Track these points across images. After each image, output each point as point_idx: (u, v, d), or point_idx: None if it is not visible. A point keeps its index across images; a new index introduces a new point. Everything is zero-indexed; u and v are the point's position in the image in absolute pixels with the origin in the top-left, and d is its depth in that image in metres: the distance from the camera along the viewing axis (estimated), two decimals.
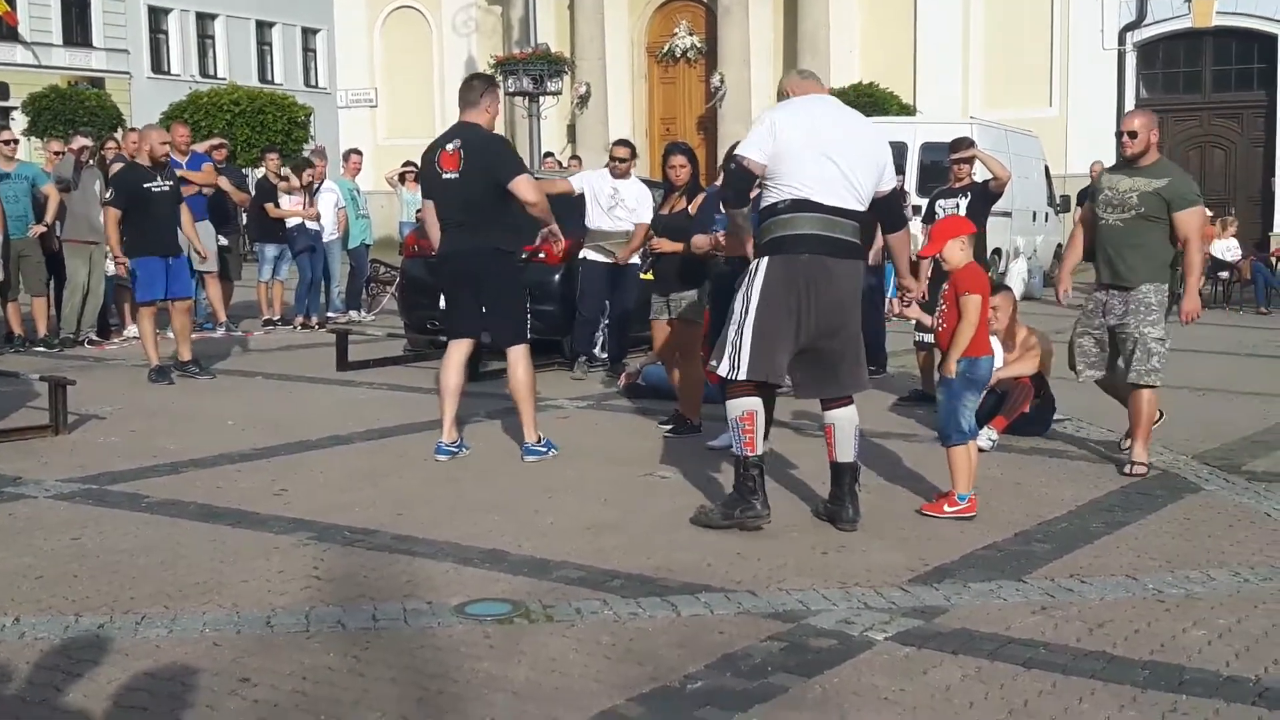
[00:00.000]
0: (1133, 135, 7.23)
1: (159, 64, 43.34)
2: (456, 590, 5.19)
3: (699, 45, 32.95)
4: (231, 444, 8.01)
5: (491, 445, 8.22)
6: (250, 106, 28.75)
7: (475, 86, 7.72)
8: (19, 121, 33.43)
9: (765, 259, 6.00)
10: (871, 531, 6.12)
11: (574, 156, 24.32)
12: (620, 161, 10.92)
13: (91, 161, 12.66)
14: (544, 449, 7.76)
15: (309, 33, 47.36)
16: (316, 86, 45.84)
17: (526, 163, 9.37)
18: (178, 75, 42.54)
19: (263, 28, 46.71)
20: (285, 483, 7.02)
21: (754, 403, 6.03)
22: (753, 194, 6.40)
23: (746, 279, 6.05)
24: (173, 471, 7.28)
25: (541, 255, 11.19)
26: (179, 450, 7.77)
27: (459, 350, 7.91)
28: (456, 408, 7.81)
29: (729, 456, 6.47)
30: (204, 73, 43.64)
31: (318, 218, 14.71)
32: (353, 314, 15.78)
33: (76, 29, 41.23)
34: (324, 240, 15.04)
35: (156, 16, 43.45)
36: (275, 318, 14.74)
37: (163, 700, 3.99)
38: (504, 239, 7.70)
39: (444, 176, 7.65)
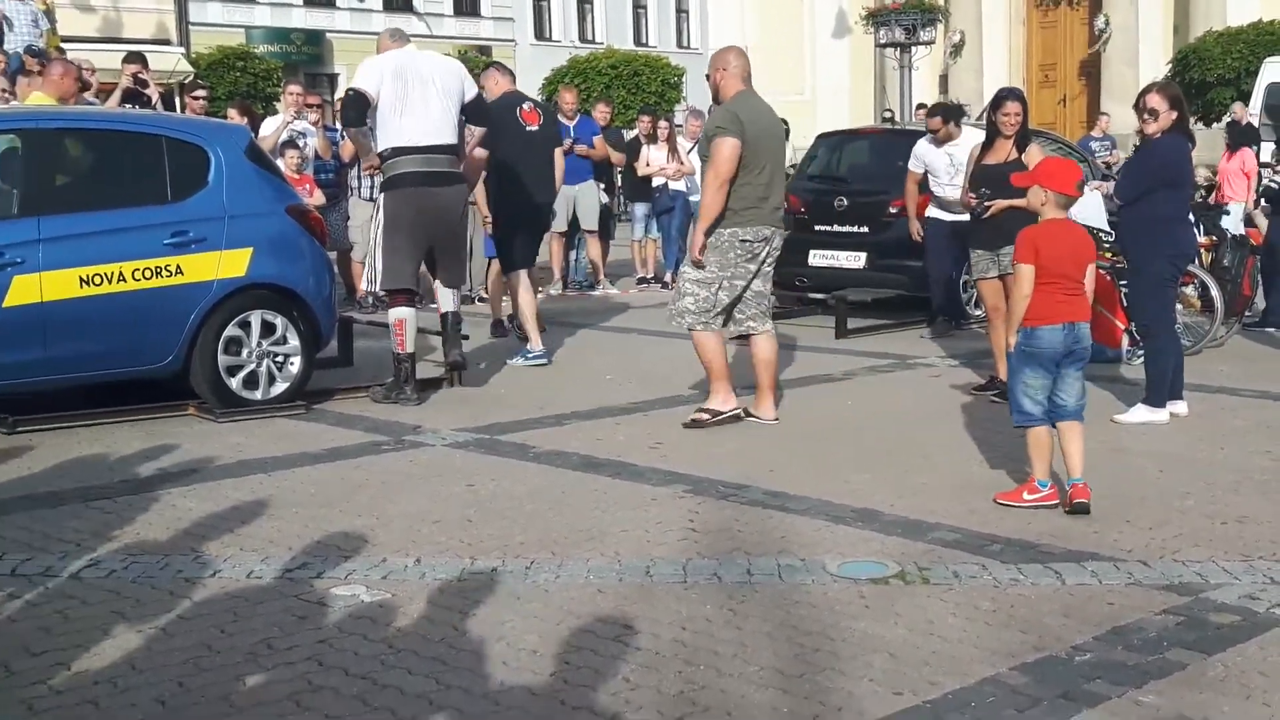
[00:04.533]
0: None
1: (541, 30, 45.01)
2: (830, 548, 5.17)
3: None
4: (610, 398, 8.25)
5: (861, 403, 8.15)
6: (626, 69, 29.47)
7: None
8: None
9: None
10: (1275, 502, 5.71)
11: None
12: (934, 132, 10.46)
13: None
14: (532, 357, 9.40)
15: None
16: (689, 47, 46.53)
17: (898, 114, 10.46)
18: (559, 41, 44.06)
19: None
20: (660, 436, 7.18)
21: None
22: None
23: None
24: (556, 424, 7.57)
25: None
26: (562, 403, 8.07)
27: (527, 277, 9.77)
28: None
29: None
30: (583, 37, 45.02)
31: (679, 176, 14.85)
32: None
33: None
34: (694, 199, 15.21)
35: None
36: (649, 275, 15.08)
37: (552, 643, 4.15)
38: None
39: (528, 129, 9.59)
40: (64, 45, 21.36)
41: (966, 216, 9.95)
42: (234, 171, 7.72)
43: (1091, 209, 9.16)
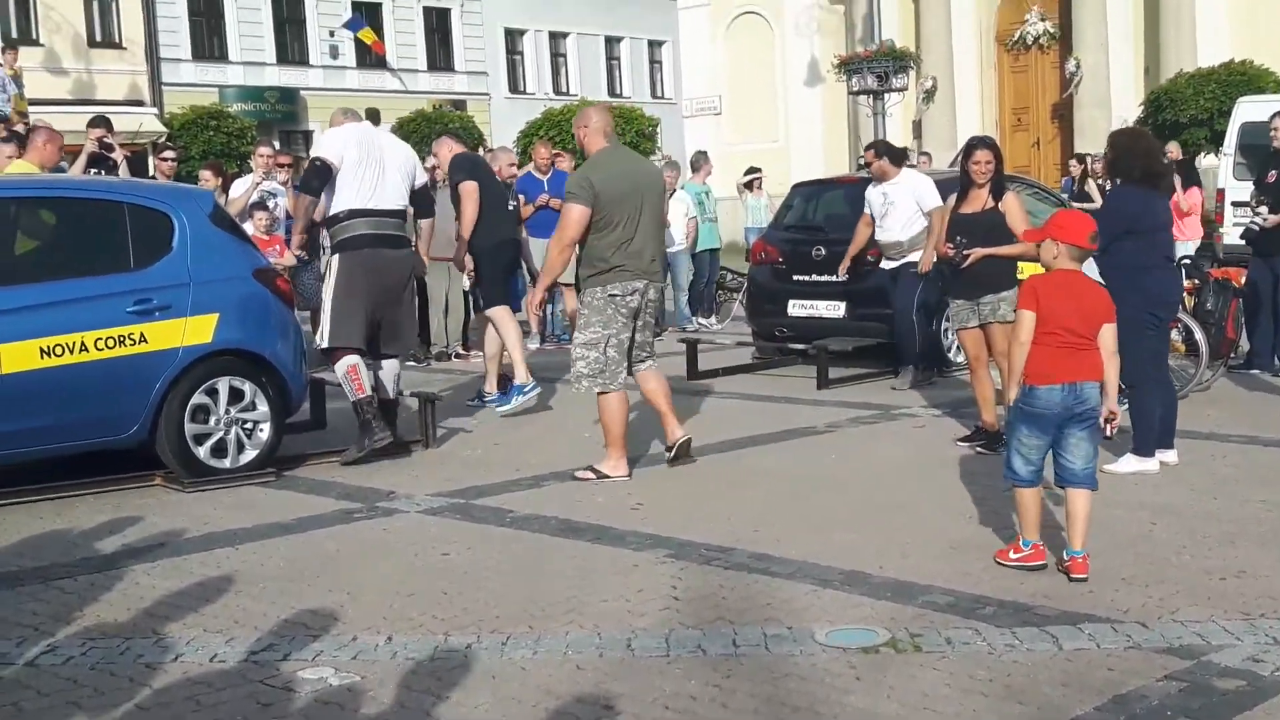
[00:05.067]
0: None
1: (515, 84, 45.10)
2: (817, 614, 5.00)
3: (1052, 30, 31.67)
4: (588, 456, 8.04)
5: (845, 457, 7.99)
6: None
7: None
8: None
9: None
10: (1273, 554, 5.56)
11: (922, 153, 23.72)
12: (866, 166, 10.74)
13: (443, 181, 13.12)
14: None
15: (655, 45, 48.26)
16: (662, 97, 46.68)
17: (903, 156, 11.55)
18: (533, 94, 44.13)
19: (611, 43, 47.91)
20: (641, 496, 7.00)
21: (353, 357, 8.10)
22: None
23: None
24: (534, 485, 7.39)
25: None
26: (539, 463, 7.89)
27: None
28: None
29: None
30: (557, 90, 45.11)
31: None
32: (700, 321, 15.81)
33: (440, 54, 43.39)
34: (671, 250, 15.12)
35: (513, 38, 45.23)
36: None
37: None
38: None
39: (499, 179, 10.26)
40: (32, 109, 21.28)
41: (909, 259, 9.96)
42: (198, 237, 7.56)
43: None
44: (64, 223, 7.58)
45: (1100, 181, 16.32)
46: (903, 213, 10.33)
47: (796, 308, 11.65)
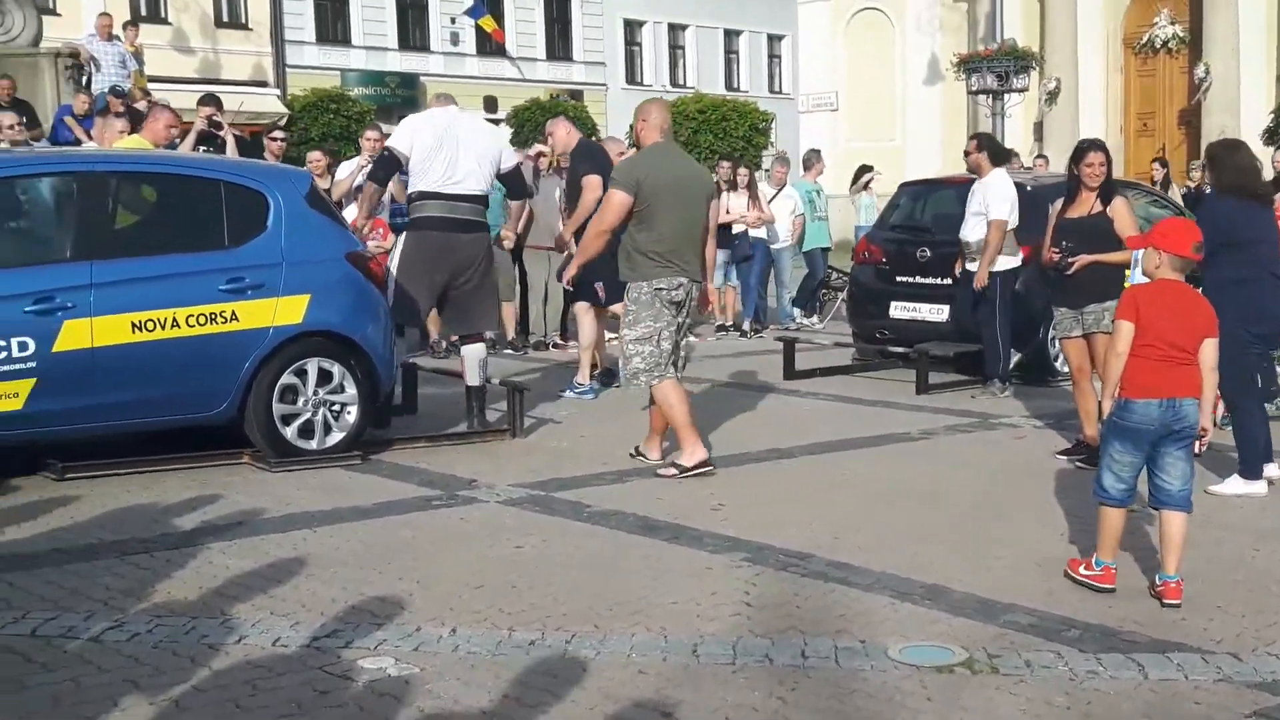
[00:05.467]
0: None
1: (633, 75, 45.09)
2: (892, 629, 4.83)
3: (1181, 35, 30.82)
4: (674, 454, 7.94)
5: (938, 465, 7.77)
6: (714, 114, 29.29)
7: None
8: (504, 132, 35.61)
9: None
10: None
11: (1039, 155, 23.20)
12: (966, 156, 10.45)
13: (550, 169, 13.10)
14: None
15: (774, 39, 47.96)
16: (780, 92, 46.37)
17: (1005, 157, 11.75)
18: (649, 85, 44.06)
19: (730, 36, 47.70)
20: (723, 497, 6.87)
21: None
22: None
23: None
24: (617, 480, 7.29)
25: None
26: (623, 457, 7.79)
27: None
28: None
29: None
30: (674, 82, 45.01)
31: (760, 224, 14.60)
32: (802, 319, 15.60)
33: (559, 44, 43.54)
34: (776, 246, 14.96)
35: (632, 29, 45.23)
36: (727, 323, 14.79)
37: None
38: None
39: None
40: (159, 87, 21.71)
41: (1005, 264, 9.88)
42: (293, 217, 7.57)
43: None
44: (162, 198, 7.65)
45: (1194, 188, 15.81)
46: (977, 213, 10.11)
47: (899, 310, 11.41)
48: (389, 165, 8.43)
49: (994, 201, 9.91)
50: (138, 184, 7.62)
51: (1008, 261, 10.01)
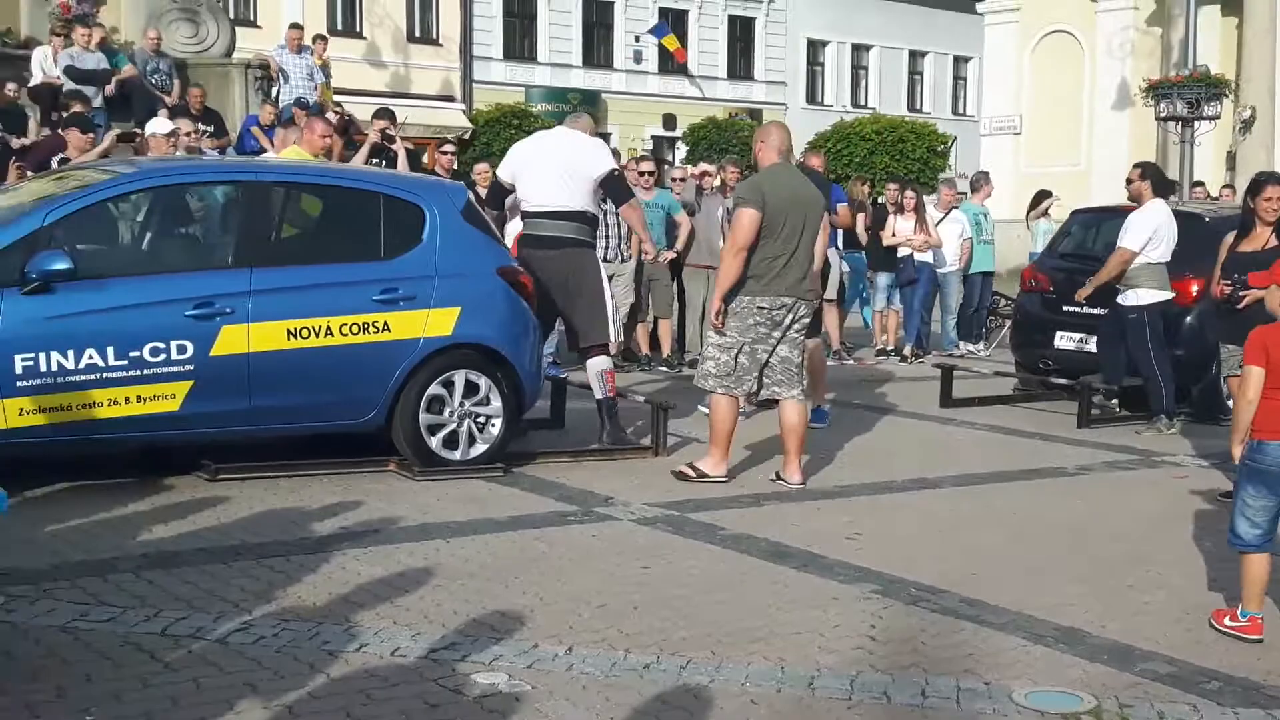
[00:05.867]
0: None
1: (814, 94, 44.96)
2: (1021, 672, 4.67)
3: None
4: (817, 479, 7.85)
5: (1091, 502, 7.51)
6: (891, 135, 28.94)
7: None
8: (680, 150, 35.78)
9: None
10: None
11: (1226, 186, 22.34)
12: (1127, 184, 10.24)
13: (714, 187, 13.06)
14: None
15: (960, 61, 47.34)
16: (964, 114, 45.69)
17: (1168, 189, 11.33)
18: (830, 105, 43.88)
19: (915, 57, 47.26)
20: (861, 525, 6.75)
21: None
22: None
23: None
24: (754, 504, 7.22)
25: (1172, 294, 10.26)
26: (762, 481, 7.71)
27: None
28: None
29: None
30: (855, 102, 44.72)
31: (927, 247, 14.34)
32: (967, 347, 15.26)
33: (740, 63, 43.66)
34: (942, 271, 14.67)
35: (815, 49, 45.11)
36: (889, 347, 14.56)
37: None
38: None
39: None
40: (351, 99, 22.34)
41: (1134, 300, 9.64)
42: (448, 231, 7.69)
43: None
44: (321, 209, 7.85)
45: None
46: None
47: (1064, 340, 11.07)
48: (496, 193, 8.95)
49: (1130, 229, 9.77)
50: (299, 194, 7.83)
51: (1155, 295, 9.75)
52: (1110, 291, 10.09)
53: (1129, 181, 10.11)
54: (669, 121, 40.13)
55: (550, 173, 8.43)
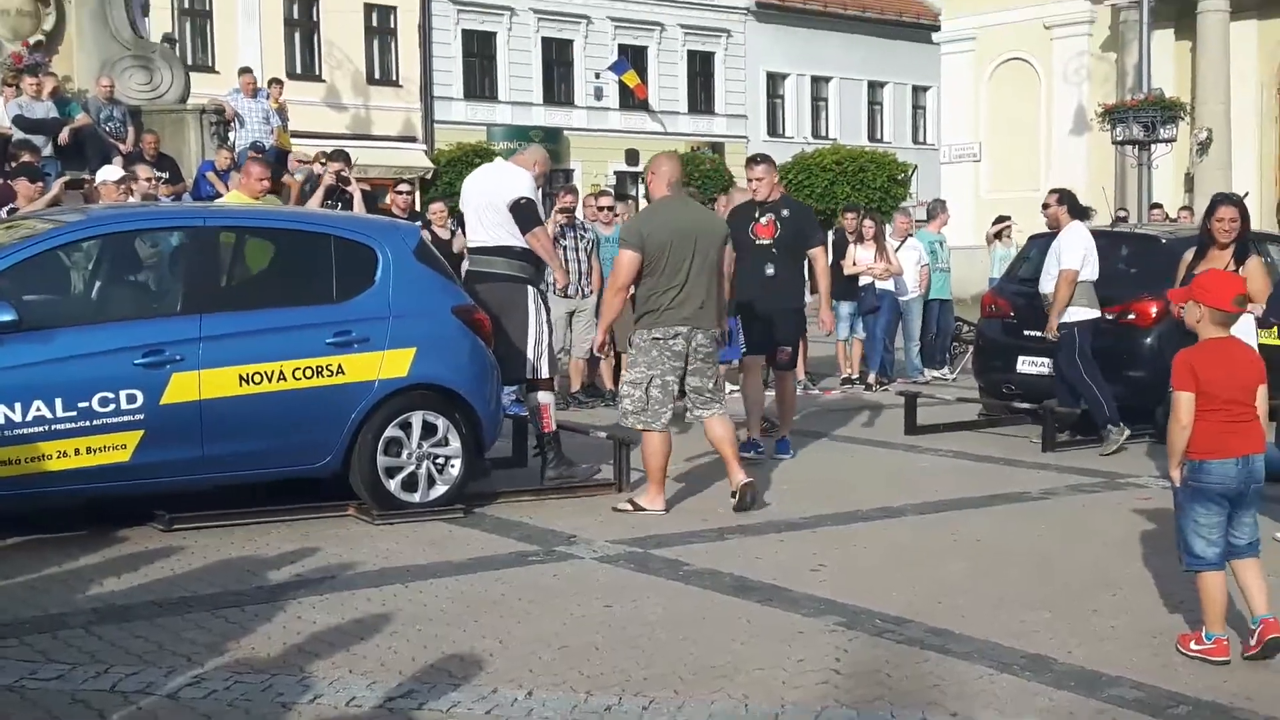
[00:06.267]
0: None
1: (775, 127, 45.15)
2: (988, 701, 4.61)
3: None
4: (781, 510, 7.79)
5: (1055, 527, 7.47)
6: (851, 165, 29.05)
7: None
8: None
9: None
10: None
11: (1184, 207, 22.47)
12: (1044, 209, 10.48)
13: None
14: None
15: (919, 90, 47.65)
16: (924, 143, 45.95)
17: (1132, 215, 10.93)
18: (791, 137, 44.05)
19: (874, 88, 47.54)
20: (826, 557, 6.68)
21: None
22: None
23: None
24: (718, 538, 7.15)
25: (1132, 316, 10.31)
26: (726, 514, 7.64)
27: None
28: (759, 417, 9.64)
29: None
30: (815, 133, 44.93)
31: (888, 275, 14.35)
32: (931, 372, 15.26)
33: (701, 97, 43.81)
34: (904, 298, 14.69)
35: (775, 82, 45.33)
36: (853, 376, 14.55)
37: None
38: None
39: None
40: (311, 142, 22.29)
41: (1080, 315, 9.86)
42: (401, 271, 7.62)
43: (1243, 331, 8.45)
44: (270, 253, 7.76)
45: None
46: (1054, 265, 10.07)
47: (1026, 364, 11.07)
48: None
49: (1065, 250, 9.91)
50: (248, 238, 7.74)
51: (1084, 313, 9.93)
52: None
53: (1045, 207, 10.45)
54: (631, 157, 40.19)
55: (474, 208, 8.51)
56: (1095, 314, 9.99)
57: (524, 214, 8.34)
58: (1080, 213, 10.57)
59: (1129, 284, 10.79)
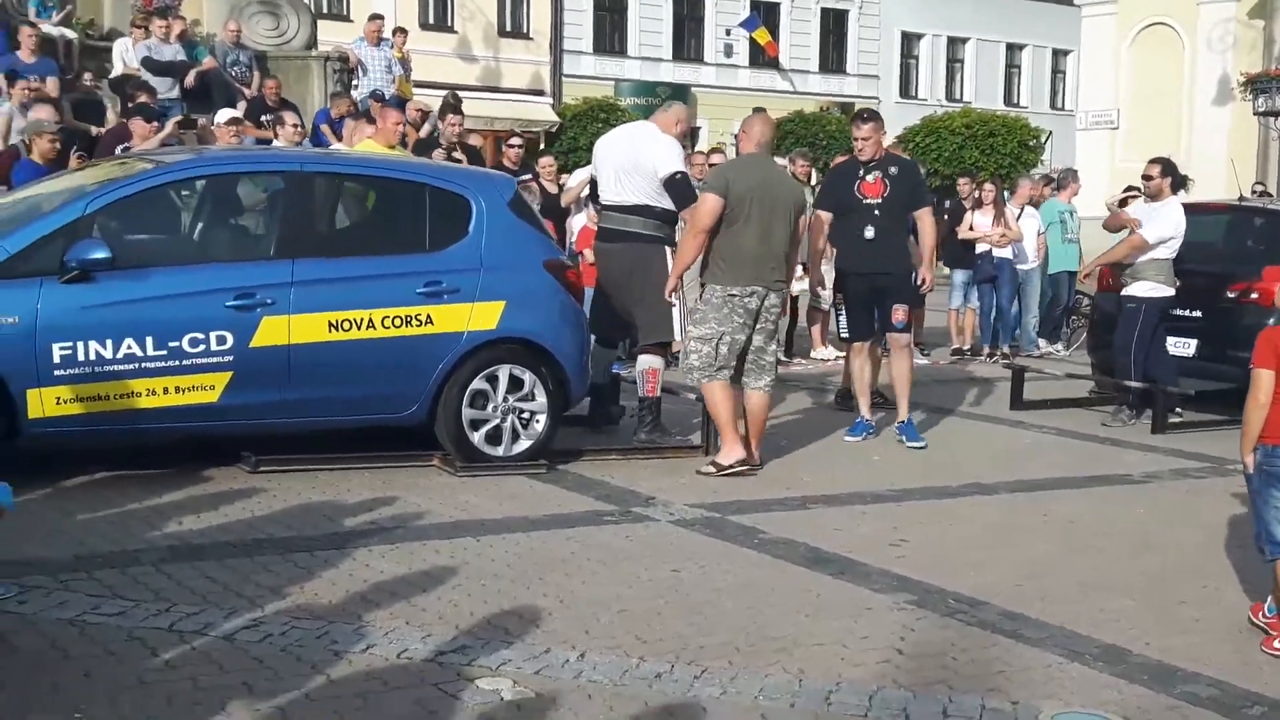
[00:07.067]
0: None
1: (907, 88, 44.35)
2: (1054, 691, 4.45)
3: None
4: (871, 482, 7.63)
5: (1154, 511, 7.21)
6: (981, 129, 28.38)
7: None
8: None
9: None
10: None
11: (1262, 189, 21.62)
12: (1146, 180, 10.18)
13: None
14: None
15: (1059, 54, 46.40)
16: (1062, 109, 44.77)
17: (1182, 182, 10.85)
18: (924, 99, 43.23)
19: (1013, 50, 46.40)
20: (907, 532, 6.52)
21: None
22: None
23: None
24: (800, 506, 7.02)
25: (1255, 295, 9.92)
26: (814, 484, 7.51)
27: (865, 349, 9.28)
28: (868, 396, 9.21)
29: None
30: (949, 96, 44.03)
31: (1006, 242, 13.92)
32: (1047, 347, 14.85)
33: (833, 56, 43.16)
34: (1023, 267, 14.27)
35: (909, 42, 44.50)
36: (964, 347, 14.21)
37: None
38: None
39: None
40: (429, 93, 22.37)
41: (1134, 291, 9.77)
42: (494, 223, 7.58)
43: None
44: (365, 201, 7.77)
45: None
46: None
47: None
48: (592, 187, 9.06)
49: (1154, 221, 9.75)
50: (344, 185, 7.76)
51: (1160, 290, 9.77)
52: (1210, 291, 9.92)
53: (1147, 178, 10.09)
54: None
55: (613, 168, 8.33)
56: (1169, 292, 9.84)
57: (679, 190, 8.19)
58: (1180, 185, 10.31)
59: (1256, 262, 10.38)
